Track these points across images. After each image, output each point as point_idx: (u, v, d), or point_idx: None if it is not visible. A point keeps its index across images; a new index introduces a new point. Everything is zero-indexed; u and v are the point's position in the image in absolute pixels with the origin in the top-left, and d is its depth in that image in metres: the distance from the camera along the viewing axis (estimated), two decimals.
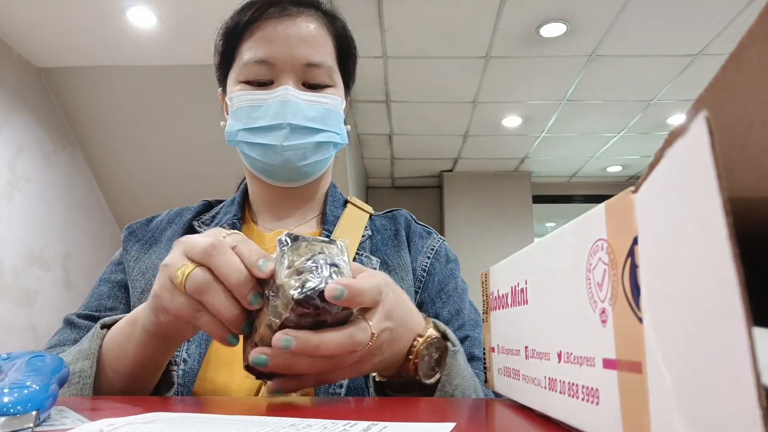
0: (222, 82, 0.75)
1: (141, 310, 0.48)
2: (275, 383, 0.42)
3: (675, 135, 0.18)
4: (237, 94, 0.69)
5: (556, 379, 0.31)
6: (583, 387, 0.27)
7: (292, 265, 0.39)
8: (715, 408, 0.16)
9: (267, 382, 0.51)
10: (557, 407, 0.31)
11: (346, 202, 0.79)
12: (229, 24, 0.71)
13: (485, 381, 0.49)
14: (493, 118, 3.94)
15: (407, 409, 0.41)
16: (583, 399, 0.27)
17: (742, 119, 0.19)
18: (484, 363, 0.49)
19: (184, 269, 0.41)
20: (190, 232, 0.72)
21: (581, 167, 5.11)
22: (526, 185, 5.24)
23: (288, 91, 0.67)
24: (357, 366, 0.43)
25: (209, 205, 0.79)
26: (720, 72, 0.19)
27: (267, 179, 0.73)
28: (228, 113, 0.73)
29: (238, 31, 0.70)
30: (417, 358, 0.47)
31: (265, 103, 0.68)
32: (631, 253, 0.22)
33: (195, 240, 0.42)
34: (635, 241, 0.22)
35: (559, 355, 0.30)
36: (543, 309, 0.33)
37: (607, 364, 0.24)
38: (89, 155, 3.08)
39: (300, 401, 0.47)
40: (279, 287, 0.39)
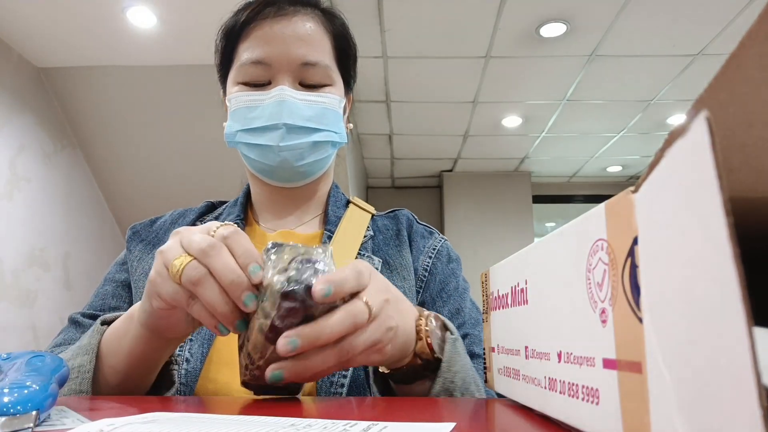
0: (223, 82, 0.75)
1: (138, 305, 0.48)
2: (281, 367, 0.41)
3: (675, 135, 0.18)
4: (235, 95, 0.70)
5: (556, 379, 0.31)
6: (583, 387, 0.27)
7: (276, 266, 0.41)
8: (716, 408, 0.16)
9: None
10: (557, 407, 0.31)
11: (348, 202, 0.79)
12: (227, 24, 0.71)
13: (485, 381, 0.49)
14: (493, 118, 3.94)
15: (407, 409, 0.41)
16: (583, 399, 0.27)
17: (742, 119, 0.19)
18: (484, 361, 0.49)
19: (181, 260, 0.41)
20: None
21: (581, 167, 5.11)
22: (526, 185, 5.23)
23: (284, 91, 0.67)
24: (377, 349, 0.42)
25: (212, 206, 0.80)
26: (720, 72, 0.19)
27: (266, 179, 0.73)
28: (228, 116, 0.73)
29: (235, 32, 0.70)
30: (429, 335, 0.48)
31: (262, 104, 0.68)
32: (631, 253, 0.22)
33: (192, 235, 0.43)
34: (635, 241, 0.22)
35: (559, 355, 0.30)
36: (543, 309, 0.33)
37: (607, 364, 0.24)
38: (89, 155, 3.08)
39: (300, 401, 0.47)
40: (266, 287, 0.40)
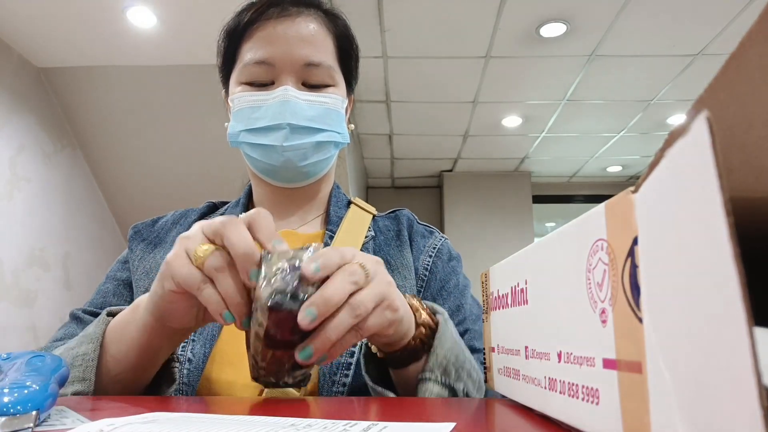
0: (225, 83, 0.76)
1: (144, 295, 0.49)
2: (307, 344, 0.41)
3: (675, 135, 0.18)
4: (238, 95, 0.70)
5: (556, 379, 0.31)
6: (583, 387, 0.27)
7: (266, 276, 0.41)
8: (716, 408, 0.16)
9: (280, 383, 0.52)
10: (557, 407, 0.31)
11: (349, 203, 0.79)
12: (230, 25, 0.72)
13: (485, 381, 0.49)
14: (493, 118, 3.94)
15: (407, 409, 0.41)
16: (583, 399, 0.27)
17: (742, 119, 0.19)
18: (484, 354, 0.49)
19: (207, 248, 0.42)
20: None
21: (581, 167, 5.10)
22: (526, 185, 5.23)
23: (287, 92, 0.67)
24: (387, 305, 0.43)
25: (214, 207, 0.80)
26: (720, 72, 0.19)
27: (269, 180, 0.73)
28: (231, 116, 0.73)
29: (238, 33, 0.70)
30: (421, 307, 0.51)
31: (265, 104, 0.68)
32: (631, 253, 0.22)
33: (213, 219, 0.44)
34: (635, 241, 0.22)
35: (559, 355, 0.30)
36: (543, 309, 0.33)
37: (607, 364, 0.24)
38: (89, 155, 3.08)
39: (300, 401, 0.47)
40: (258, 299, 0.41)
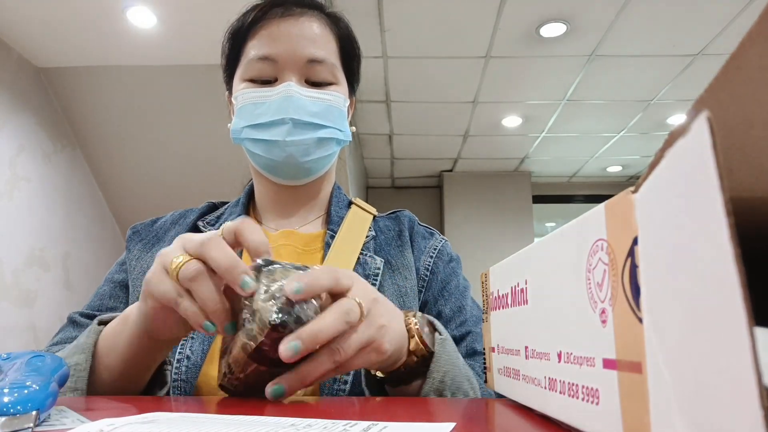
0: (228, 83, 0.76)
1: (134, 306, 0.49)
2: (280, 382, 0.41)
3: (676, 135, 0.18)
4: (241, 92, 0.70)
5: (556, 379, 0.31)
6: (583, 387, 0.27)
7: (268, 290, 0.40)
8: (716, 408, 0.16)
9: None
10: (557, 407, 0.31)
11: (350, 203, 0.79)
12: (234, 25, 0.73)
13: (485, 381, 0.49)
14: (493, 118, 3.94)
15: (407, 409, 0.41)
16: (583, 399, 0.27)
17: (742, 120, 0.19)
18: (485, 358, 0.50)
19: (181, 258, 0.42)
20: (194, 231, 0.73)
21: (581, 167, 5.10)
22: (526, 185, 5.23)
23: (290, 87, 0.68)
24: (375, 347, 0.43)
25: (214, 207, 0.80)
26: (720, 72, 0.19)
27: (271, 176, 0.73)
28: (234, 114, 0.74)
29: (242, 32, 0.72)
30: (420, 332, 0.50)
31: (268, 100, 0.68)
32: (631, 253, 0.22)
33: (194, 235, 0.44)
34: (635, 241, 0.22)
35: (559, 355, 0.30)
36: (543, 309, 0.33)
37: (607, 364, 0.24)
38: (89, 155, 3.08)
39: (300, 401, 0.47)
40: (255, 312, 0.40)
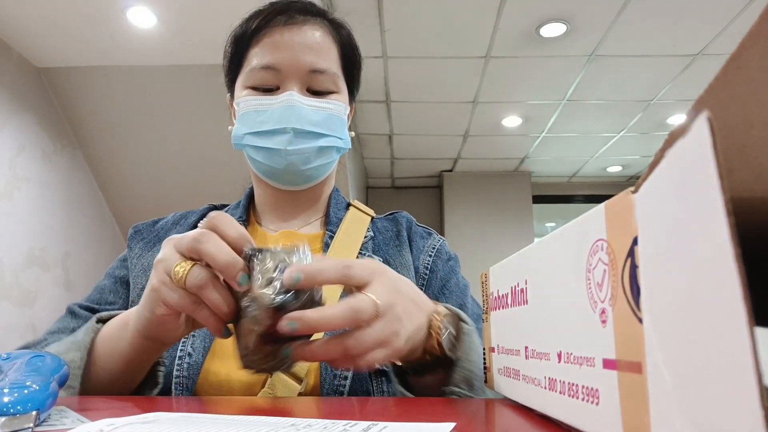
0: (230, 87, 0.77)
1: (133, 312, 0.50)
2: (291, 346, 0.42)
3: (676, 135, 0.18)
4: (244, 99, 0.71)
5: (556, 379, 0.31)
6: (583, 387, 0.27)
7: (262, 276, 0.41)
8: (716, 408, 0.16)
9: (272, 375, 0.56)
10: (557, 407, 0.31)
11: (348, 205, 0.80)
12: (238, 31, 0.73)
13: (485, 381, 0.49)
14: (493, 118, 3.94)
15: (407, 409, 0.41)
16: (583, 399, 0.27)
17: (742, 120, 0.19)
18: (485, 354, 0.50)
19: (184, 266, 0.43)
20: None
21: (581, 167, 5.10)
22: (526, 185, 5.23)
23: (292, 97, 0.68)
24: (389, 343, 0.43)
25: (214, 209, 0.81)
26: (721, 72, 0.19)
27: (272, 182, 0.74)
28: (236, 118, 0.74)
29: (246, 38, 0.72)
30: (440, 333, 0.49)
31: (270, 108, 0.69)
32: (631, 253, 0.22)
33: (182, 234, 0.45)
34: (635, 241, 0.22)
35: (559, 355, 0.30)
36: (543, 309, 0.33)
37: (607, 364, 0.24)
38: (89, 155, 3.07)
39: (300, 401, 0.47)
40: (255, 298, 0.41)
